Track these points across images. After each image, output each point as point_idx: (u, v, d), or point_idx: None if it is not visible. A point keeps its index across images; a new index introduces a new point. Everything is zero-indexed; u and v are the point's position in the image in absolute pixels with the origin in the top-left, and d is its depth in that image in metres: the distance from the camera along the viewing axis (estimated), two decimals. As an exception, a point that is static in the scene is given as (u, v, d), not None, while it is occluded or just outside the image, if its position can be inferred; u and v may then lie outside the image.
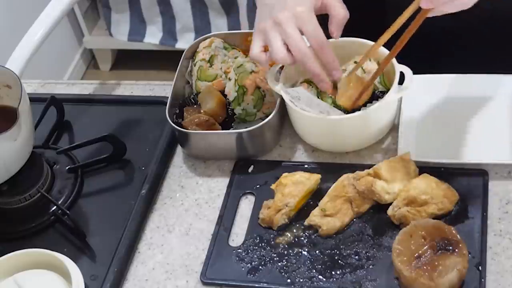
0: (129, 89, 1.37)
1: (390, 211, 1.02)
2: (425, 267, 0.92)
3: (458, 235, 0.94)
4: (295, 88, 1.09)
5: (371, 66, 1.12)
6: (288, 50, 1.04)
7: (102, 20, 3.02)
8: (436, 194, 1.01)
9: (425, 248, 0.94)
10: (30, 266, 1.04)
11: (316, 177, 1.08)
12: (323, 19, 1.08)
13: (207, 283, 1.02)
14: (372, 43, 1.13)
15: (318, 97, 1.11)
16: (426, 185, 1.02)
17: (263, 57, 1.07)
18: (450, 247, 0.93)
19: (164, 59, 2.73)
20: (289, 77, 1.15)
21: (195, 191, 1.15)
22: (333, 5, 1.07)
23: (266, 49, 1.07)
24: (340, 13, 1.07)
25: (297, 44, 1.03)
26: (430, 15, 0.97)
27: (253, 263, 1.02)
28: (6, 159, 1.09)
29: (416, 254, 0.93)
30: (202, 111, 1.18)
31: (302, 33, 1.04)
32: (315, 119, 1.09)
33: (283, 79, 1.14)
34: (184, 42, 2.84)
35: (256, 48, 1.08)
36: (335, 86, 1.13)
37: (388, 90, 1.10)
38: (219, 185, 1.15)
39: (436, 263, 0.92)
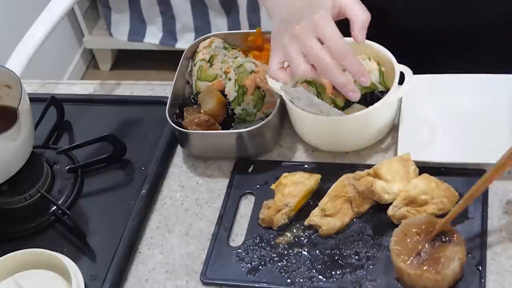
0: (129, 89, 1.37)
1: (390, 211, 1.02)
2: (427, 262, 0.92)
3: (449, 225, 0.94)
4: (295, 88, 1.09)
5: (371, 66, 1.12)
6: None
7: (102, 20, 3.02)
8: (436, 194, 1.01)
9: (422, 243, 0.94)
10: (30, 266, 1.04)
11: (316, 177, 1.08)
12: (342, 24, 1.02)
13: (207, 283, 1.02)
14: (371, 43, 1.13)
15: (318, 97, 1.11)
16: (426, 185, 1.02)
17: (282, 75, 1.03)
18: (446, 238, 0.94)
19: (164, 59, 2.73)
20: (289, 77, 1.15)
21: (195, 191, 1.15)
22: (352, 8, 1.01)
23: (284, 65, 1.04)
24: (360, 16, 1.01)
25: (318, 55, 0.98)
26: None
27: (253, 263, 1.02)
28: (6, 159, 1.09)
29: (416, 251, 0.94)
30: (202, 111, 1.18)
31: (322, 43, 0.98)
32: (315, 119, 1.09)
33: (283, 79, 1.13)
34: (184, 42, 2.84)
35: (274, 65, 1.03)
36: (335, 87, 1.13)
37: (388, 90, 1.10)
38: (219, 185, 1.15)
39: (437, 256, 0.92)
